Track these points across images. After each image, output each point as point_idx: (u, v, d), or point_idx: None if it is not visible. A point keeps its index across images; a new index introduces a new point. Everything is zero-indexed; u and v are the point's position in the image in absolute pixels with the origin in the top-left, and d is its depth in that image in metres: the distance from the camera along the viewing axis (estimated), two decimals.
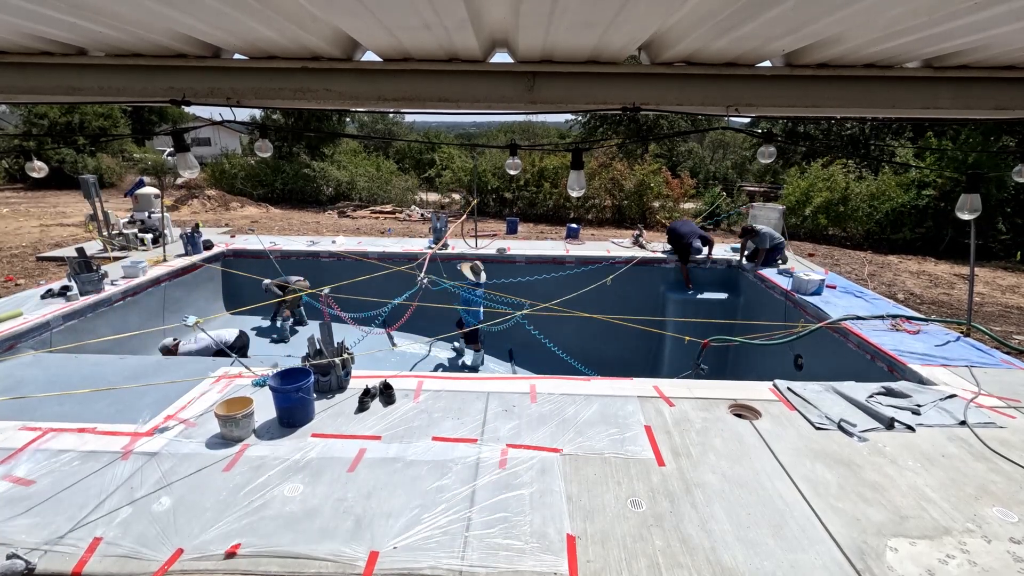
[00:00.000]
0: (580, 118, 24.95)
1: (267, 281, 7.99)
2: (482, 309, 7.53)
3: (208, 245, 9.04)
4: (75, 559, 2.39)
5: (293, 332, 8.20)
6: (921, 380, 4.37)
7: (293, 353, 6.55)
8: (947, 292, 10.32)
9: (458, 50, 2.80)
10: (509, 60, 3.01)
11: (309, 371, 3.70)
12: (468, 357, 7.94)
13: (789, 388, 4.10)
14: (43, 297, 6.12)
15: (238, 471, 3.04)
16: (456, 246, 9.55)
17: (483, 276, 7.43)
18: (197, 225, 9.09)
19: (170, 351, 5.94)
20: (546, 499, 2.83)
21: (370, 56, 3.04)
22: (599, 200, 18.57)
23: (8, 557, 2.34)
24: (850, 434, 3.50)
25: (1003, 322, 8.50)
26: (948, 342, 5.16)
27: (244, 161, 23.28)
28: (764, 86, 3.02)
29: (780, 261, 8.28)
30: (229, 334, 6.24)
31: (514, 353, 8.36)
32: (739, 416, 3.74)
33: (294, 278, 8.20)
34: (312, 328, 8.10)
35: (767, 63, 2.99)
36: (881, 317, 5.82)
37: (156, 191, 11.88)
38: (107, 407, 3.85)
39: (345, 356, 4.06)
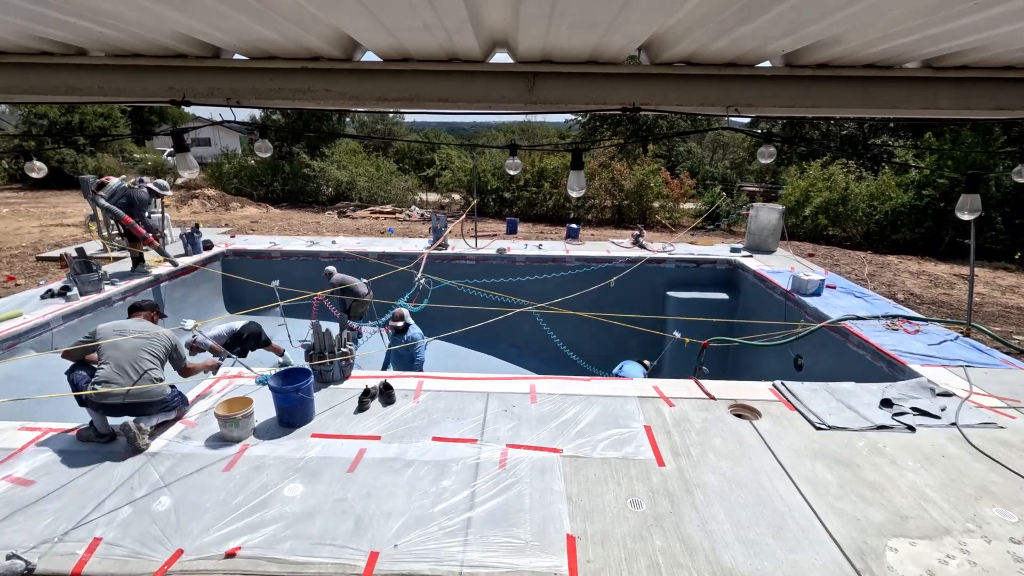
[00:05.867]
0: (580, 118, 24.94)
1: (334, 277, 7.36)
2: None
3: (208, 245, 9.05)
4: (75, 559, 2.39)
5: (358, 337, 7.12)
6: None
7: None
8: (947, 292, 10.31)
9: (458, 50, 2.80)
10: (509, 60, 3.01)
11: (309, 371, 3.71)
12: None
13: (789, 388, 4.10)
14: (43, 297, 6.12)
15: (238, 471, 3.04)
16: (456, 246, 9.55)
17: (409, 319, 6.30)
18: (197, 225, 9.10)
19: (193, 347, 5.61)
20: (546, 499, 2.83)
21: (370, 56, 3.04)
22: (599, 200, 18.56)
23: (8, 557, 2.34)
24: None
25: (1003, 322, 8.50)
26: (947, 342, 5.17)
27: (244, 161, 23.26)
28: (764, 86, 3.02)
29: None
30: (237, 324, 6.07)
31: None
32: (739, 416, 3.74)
33: (352, 281, 7.49)
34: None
35: (767, 63, 2.99)
36: (881, 317, 5.83)
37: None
38: None
39: (345, 349, 4.09)
